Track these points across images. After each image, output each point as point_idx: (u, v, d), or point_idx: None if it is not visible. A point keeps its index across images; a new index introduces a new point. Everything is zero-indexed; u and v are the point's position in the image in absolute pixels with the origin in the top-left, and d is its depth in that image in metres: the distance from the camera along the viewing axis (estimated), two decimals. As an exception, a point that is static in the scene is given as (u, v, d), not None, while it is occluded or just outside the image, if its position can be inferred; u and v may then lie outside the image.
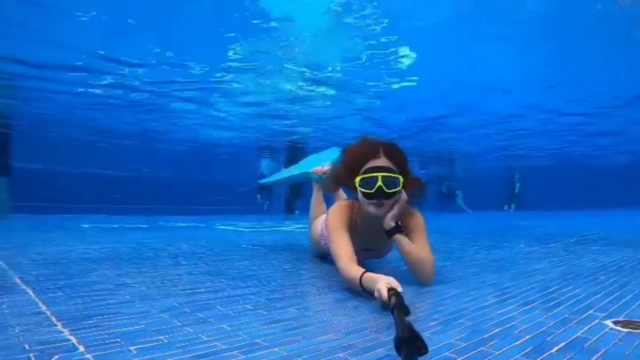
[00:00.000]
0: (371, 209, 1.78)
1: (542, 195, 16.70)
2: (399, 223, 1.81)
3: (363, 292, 1.51)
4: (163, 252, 2.98)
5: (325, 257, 2.56)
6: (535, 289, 1.71)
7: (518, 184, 16.68)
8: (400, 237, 1.79)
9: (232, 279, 2.00)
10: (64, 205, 10.57)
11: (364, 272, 1.52)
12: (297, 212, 11.28)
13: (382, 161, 1.78)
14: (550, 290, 1.69)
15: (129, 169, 13.60)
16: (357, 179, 1.77)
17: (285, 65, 6.39)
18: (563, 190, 17.42)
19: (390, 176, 1.74)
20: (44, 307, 1.38)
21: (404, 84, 7.07)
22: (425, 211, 2.02)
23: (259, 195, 12.38)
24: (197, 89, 7.31)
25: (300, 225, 6.79)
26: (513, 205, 16.75)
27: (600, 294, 1.58)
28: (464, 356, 0.97)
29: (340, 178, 1.94)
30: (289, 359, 0.97)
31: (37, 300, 1.49)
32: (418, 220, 1.89)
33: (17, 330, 1.13)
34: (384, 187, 1.72)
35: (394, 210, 1.78)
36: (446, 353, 0.99)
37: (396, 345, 0.87)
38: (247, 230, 5.99)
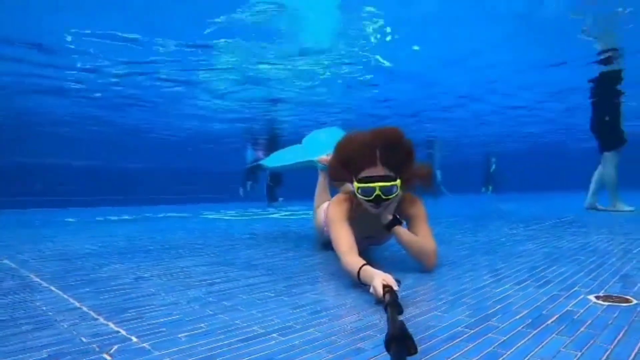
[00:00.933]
0: (369, 208, 1.85)
1: (517, 178, 17.46)
2: (397, 215, 1.88)
3: (360, 284, 1.56)
4: (163, 245, 3.05)
5: (328, 245, 2.69)
6: (525, 269, 1.89)
7: (494, 166, 17.37)
8: (398, 230, 1.85)
9: (241, 269, 2.11)
10: (40, 199, 10.36)
11: (363, 265, 1.56)
12: (280, 199, 11.43)
13: (379, 169, 1.79)
14: (538, 269, 1.87)
15: (101, 159, 13.31)
16: (356, 186, 1.83)
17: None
18: (536, 173, 18.17)
19: (387, 185, 1.78)
20: (77, 303, 1.46)
21: (383, 62, 7.08)
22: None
23: (248, 182, 12.37)
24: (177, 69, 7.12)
25: (288, 213, 6.92)
26: (490, 188, 17.47)
27: (582, 273, 1.77)
28: (475, 329, 1.12)
29: (338, 176, 1.98)
30: (323, 338, 1.09)
31: (66, 296, 1.57)
32: (418, 206, 1.94)
33: (65, 325, 1.21)
34: (382, 195, 1.78)
35: (391, 207, 1.86)
36: (459, 328, 1.14)
37: (386, 343, 0.89)
38: (235, 219, 6.07)
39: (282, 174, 10.95)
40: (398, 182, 1.80)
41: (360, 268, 1.55)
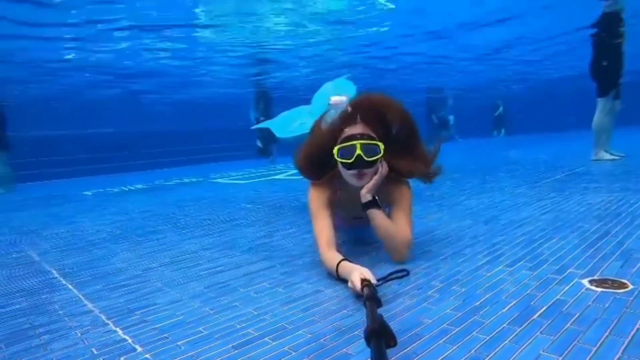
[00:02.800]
0: (353, 181, 1.70)
1: (528, 119, 17.18)
2: (376, 197, 1.72)
3: (339, 280, 1.55)
4: (171, 223, 3.15)
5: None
6: (522, 244, 1.90)
7: (500, 108, 17.18)
8: (373, 212, 1.70)
9: (243, 252, 2.18)
10: (62, 170, 10.66)
11: (341, 261, 1.55)
12: (271, 156, 11.74)
13: (359, 128, 1.68)
14: (536, 244, 1.87)
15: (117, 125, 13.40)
16: (335, 149, 1.67)
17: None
18: (547, 113, 17.72)
19: (368, 143, 1.64)
20: (90, 305, 1.55)
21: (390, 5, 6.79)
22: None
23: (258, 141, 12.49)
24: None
25: (292, 173, 6.97)
26: (503, 131, 17.23)
27: (582, 247, 1.77)
28: (460, 327, 1.15)
29: (317, 151, 1.79)
30: (315, 340, 1.15)
31: (80, 296, 1.66)
32: (402, 192, 1.79)
33: (79, 334, 1.30)
34: (363, 155, 1.62)
35: (372, 182, 1.69)
36: (445, 325, 1.17)
37: (366, 337, 0.90)
38: (244, 182, 6.16)
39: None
40: (380, 145, 1.66)
41: (338, 264, 1.55)
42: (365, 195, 1.71)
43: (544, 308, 1.22)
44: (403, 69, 11.56)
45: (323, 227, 1.73)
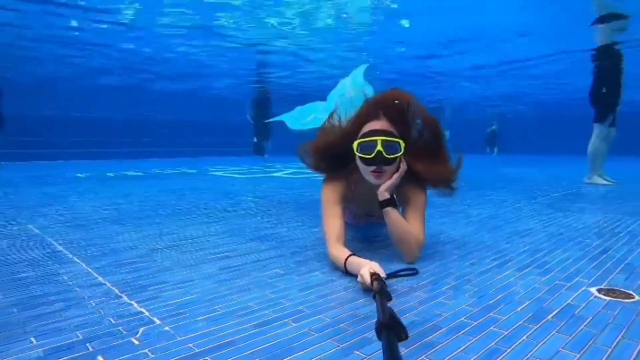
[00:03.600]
0: (371, 179, 1.69)
1: (521, 139, 17.64)
2: (394, 196, 1.72)
3: (347, 274, 1.56)
4: (173, 209, 3.13)
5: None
6: (528, 252, 1.94)
7: (494, 126, 17.68)
8: (389, 211, 1.69)
9: (250, 239, 2.18)
10: (52, 152, 10.50)
11: (349, 256, 1.55)
12: (266, 155, 11.94)
13: (381, 124, 1.68)
14: (541, 253, 1.92)
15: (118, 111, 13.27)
16: (355, 143, 1.67)
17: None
18: (540, 135, 18.17)
19: (390, 140, 1.63)
20: (100, 278, 1.54)
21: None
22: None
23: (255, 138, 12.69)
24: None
25: (291, 171, 6.97)
26: (496, 149, 17.62)
27: (586, 259, 1.81)
28: (478, 321, 1.18)
29: (334, 144, 1.78)
30: (336, 324, 1.16)
31: (89, 270, 1.65)
32: (418, 193, 1.78)
33: (93, 304, 1.29)
34: (383, 152, 1.62)
35: (391, 181, 1.68)
36: (462, 319, 1.20)
37: (377, 330, 0.90)
38: (241, 177, 6.14)
39: (270, 130, 11.56)
40: (401, 142, 1.65)
41: (346, 259, 1.55)
42: (383, 194, 1.69)
43: (557, 310, 1.26)
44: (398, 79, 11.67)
45: (334, 222, 1.73)
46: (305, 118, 3.20)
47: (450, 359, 0.97)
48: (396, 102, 1.70)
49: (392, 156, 1.64)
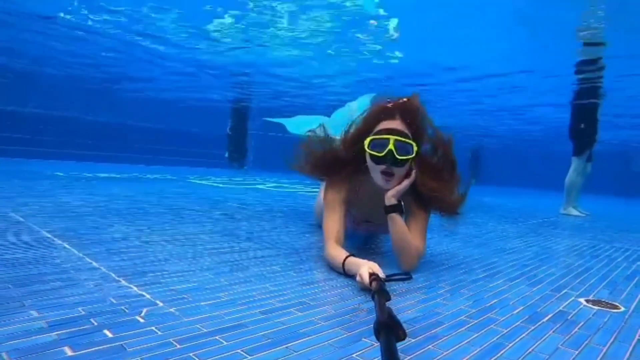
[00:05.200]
0: (379, 181, 1.66)
1: (499, 172, 18.30)
2: (401, 202, 1.69)
3: (345, 275, 1.56)
4: (161, 208, 3.09)
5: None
6: (516, 266, 2.00)
7: (474, 155, 18.34)
8: (395, 217, 1.66)
9: (245, 240, 2.17)
10: (27, 149, 10.19)
11: (348, 256, 1.56)
12: (245, 167, 12.14)
13: (396, 123, 1.67)
14: (529, 267, 1.98)
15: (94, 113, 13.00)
16: (367, 140, 1.64)
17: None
18: (518, 168, 18.87)
19: (403, 141, 1.60)
20: (95, 263, 1.50)
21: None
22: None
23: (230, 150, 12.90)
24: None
25: (273, 184, 6.96)
26: (473, 180, 18.17)
27: (571, 275, 1.89)
28: (477, 320, 1.21)
29: (350, 143, 1.77)
30: (341, 315, 1.17)
31: (82, 255, 1.60)
32: (422, 208, 1.78)
33: (91, 285, 1.26)
34: (394, 152, 1.59)
35: (400, 186, 1.65)
36: (462, 317, 1.23)
37: (375, 330, 0.90)
38: (223, 186, 6.10)
39: (247, 144, 11.92)
40: (414, 145, 1.62)
41: (345, 259, 1.56)
42: (391, 199, 1.66)
43: (551, 315, 1.30)
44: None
45: (334, 223, 1.74)
46: (304, 127, 3.31)
47: (455, 350, 1.00)
48: (413, 107, 1.71)
49: (403, 157, 1.61)
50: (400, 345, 0.98)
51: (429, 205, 1.79)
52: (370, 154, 1.65)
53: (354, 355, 0.93)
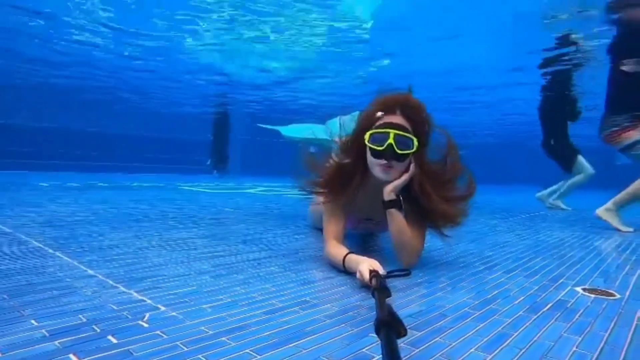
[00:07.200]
0: (379, 172, 1.63)
1: (484, 169, 18.48)
2: (400, 197, 1.65)
3: (345, 272, 1.56)
4: (152, 215, 3.04)
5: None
6: (511, 259, 2.02)
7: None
8: (394, 213, 1.64)
9: (238, 243, 2.15)
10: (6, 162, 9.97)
11: (348, 254, 1.56)
12: (229, 173, 12.26)
13: (397, 118, 1.65)
14: (524, 260, 2.01)
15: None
16: (367, 134, 1.62)
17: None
18: (502, 165, 19.15)
19: (403, 135, 1.58)
20: (90, 271, 1.47)
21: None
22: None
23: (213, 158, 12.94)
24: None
25: (264, 189, 6.93)
26: None
27: (565, 266, 1.92)
28: (480, 311, 1.22)
29: (352, 140, 1.74)
30: (344, 312, 1.17)
31: (76, 263, 1.57)
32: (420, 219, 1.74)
33: (89, 293, 1.23)
34: (394, 146, 1.57)
35: (399, 181, 1.63)
36: (466, 309, 1.24)
37: (376, 327, 0.89)
38: (212, 191, 6.05)
39: (227, 149, 12.02)
40: (415, 140, 1.60)
41: (345, 256, 1.56)
42: (390, 194, 1.64)
43: (551, 304, 1.32)
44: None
45: (335, 221, 1.74)
46: (299, 132, 3.38)
47: (462, 341, 1.00)
48: (414, 103, 1.68)
49: (403, 152, 1.59)
50: (407, 339, 0.99)
51: (426, 219, 1.75)
52: (370, 148, 1.62)
53: (364, 350, 0.93)
